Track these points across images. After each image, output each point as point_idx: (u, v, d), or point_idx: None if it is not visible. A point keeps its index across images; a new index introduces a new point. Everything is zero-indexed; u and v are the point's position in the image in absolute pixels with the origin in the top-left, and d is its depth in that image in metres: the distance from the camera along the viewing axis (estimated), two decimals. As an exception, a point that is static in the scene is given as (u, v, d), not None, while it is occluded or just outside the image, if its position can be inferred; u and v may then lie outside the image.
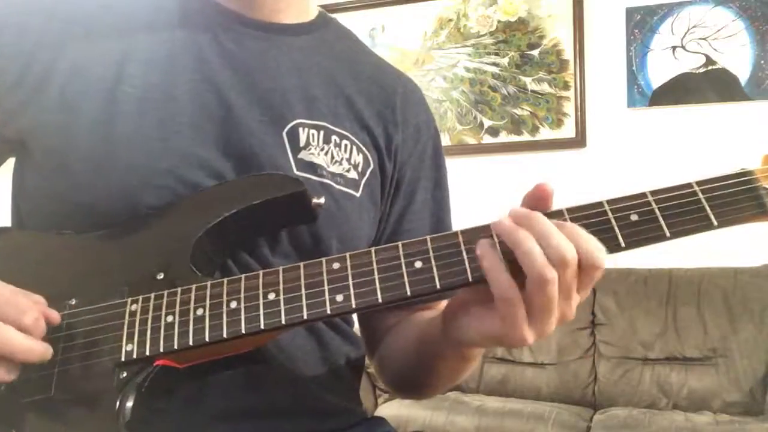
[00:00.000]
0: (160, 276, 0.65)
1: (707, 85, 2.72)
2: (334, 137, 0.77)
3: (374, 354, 0.88)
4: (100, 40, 0.73)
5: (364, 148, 0.80)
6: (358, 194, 0.78)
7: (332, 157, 0.77)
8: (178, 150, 0.70)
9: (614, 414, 2.36)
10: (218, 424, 0.68)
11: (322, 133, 0.77)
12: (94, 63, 0.72)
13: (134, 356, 0.61)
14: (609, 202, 0.59)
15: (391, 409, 2.46)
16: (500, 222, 0.57)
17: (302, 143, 0.75)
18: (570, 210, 0.59)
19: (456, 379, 0.78)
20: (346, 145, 0.78)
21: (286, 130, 0.75)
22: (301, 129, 0.76)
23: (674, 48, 2.76)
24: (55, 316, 0.63)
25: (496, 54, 3.00)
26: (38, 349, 0.60)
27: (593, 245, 0.55)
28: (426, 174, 0.87)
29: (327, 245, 0.74)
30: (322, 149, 0.76)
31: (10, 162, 0.78)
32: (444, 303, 0.85)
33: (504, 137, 2.99)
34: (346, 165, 0.78)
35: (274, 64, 0.78)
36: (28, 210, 0.74)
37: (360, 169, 0.79)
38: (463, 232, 0.60)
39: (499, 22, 3.00)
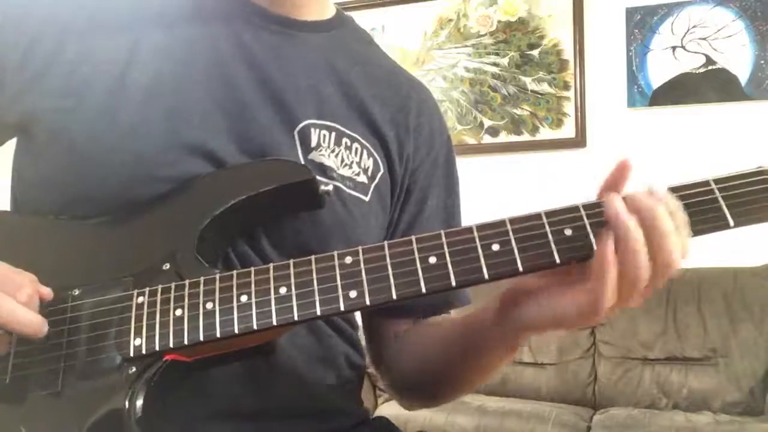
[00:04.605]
0: (166, 266, 0.64)
1: (707, 85, 2.72)
2: (345, 139, 0.76)
3: (380, 361, 0.86)
4: (111, 26, 0.72)
5: (374, 152, 0.79)
6: (367, 198, 0.77)
7: (342, 160, 0.75)
8: (186, 142, 0.69)
9: (614, 414, 2.35)
10: (220, 423, 0.68)
11: (333, 134, 0.76)
12: (104, 49, 0.71)
13: (143, 351, 0.60)
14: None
15: (391, 409, 2.46)
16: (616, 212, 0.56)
17: (313, 144, 0.74)
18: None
19: (483, 380, 0.76)
20: (356, 149, 0.77)
21: (297, 129, 0.74)
22: (312, 129, 0.74)
23: (674, 48, 2.76)
24: (48, 292, 0.62)
25: (496, 54, 3.00)
26: (37, 322, 0.60)
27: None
28: (438, 181, 0.85)
29: (332, 249, 0.73)
30: (333, 151, 0.75)
31: (11, 152, 0.77)
32: (450, 314, 0.85)
33: (504, 137, 2.99)
34: (356, 168, 0.76)
35: (289, 61, 0.77)
36: (26, 198, 0.73)
37: (370, 173, 0.78)
38: (479, 226, 0.59)
39: (499, 22, 3.00)
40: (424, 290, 0.58)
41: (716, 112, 2.71)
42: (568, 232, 0.58)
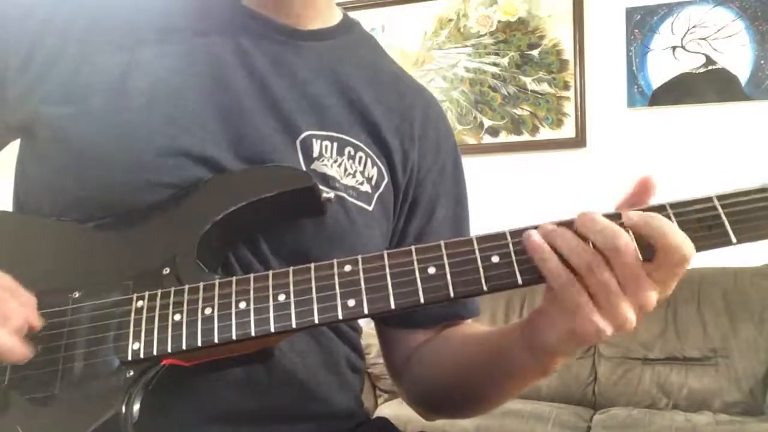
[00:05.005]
0: (166, 271, 0.64)
1: (707, 85, 2.72)
2: (348, 149, 0.76)
3: (397, 373, 0.85)
4: (112, 30, 0.72)
5: (378, 161, 0.78)
6: (370, 208, 0.76)
7: (345, 170, 0.75)
8: (186, 149, 0.69)
9: (614, 414, 2.36)
10: (220, 426, 0.68)
11: (335, 144, 0.75)
12: (105, 53, 0.71)
13: (141, 355, 0.60)
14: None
15: (391, 409, 2.46)
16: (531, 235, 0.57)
17: (315, 154, 0.74)
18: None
19: (507, 399, 0.76)
20: (360, 157, 0.77)
21: (299, 139, 0.74)
22: (314, 140, 0.74)
23: (674, 48, 2.76)
24: (37, 324, 0.62)
25: (496, 54, 3.00)
26: (20, 352, 0.59)
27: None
28: (446, 190, 0.85)
29: (335, 258, 0.72)
30: (336, 161, 0.75)
31: (10, 153, 0.77)
32: (468, 322, 0.85)
33: (504, 137, 2.99)
34: (359, 178, 0.76)
35: (291, 70, 0.76)
36: (28, 199, 0.73)
37: (374, 182, 0.77)
38: (479, 238, 0.59)
39: (499, 22, 3.00)
40: (422, 300, 0.58)
41: (716, 112, 2.71)
42: None
